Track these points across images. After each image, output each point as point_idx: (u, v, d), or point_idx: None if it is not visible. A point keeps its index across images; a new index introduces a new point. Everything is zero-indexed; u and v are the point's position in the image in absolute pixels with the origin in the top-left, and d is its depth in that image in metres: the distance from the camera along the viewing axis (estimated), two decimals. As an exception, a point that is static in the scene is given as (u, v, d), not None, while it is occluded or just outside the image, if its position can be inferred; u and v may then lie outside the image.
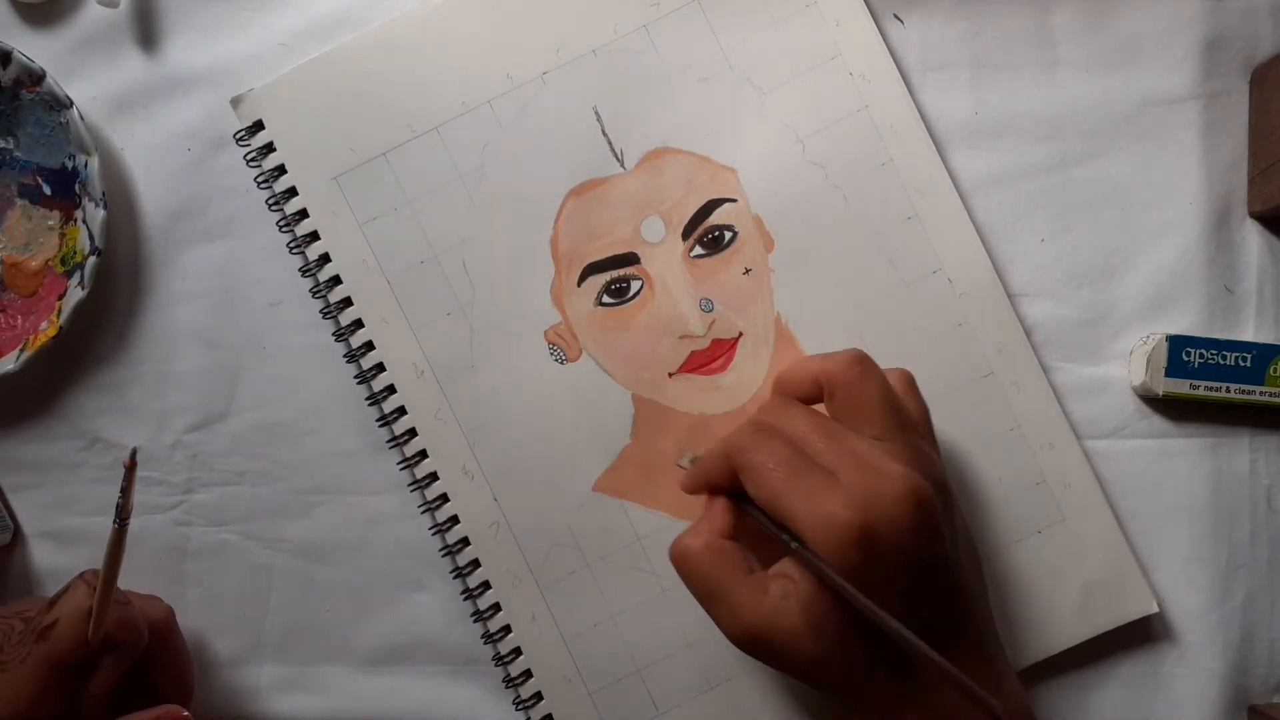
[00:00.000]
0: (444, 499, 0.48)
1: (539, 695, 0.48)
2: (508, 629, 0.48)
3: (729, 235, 0.48)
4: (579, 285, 0.48)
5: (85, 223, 0.49)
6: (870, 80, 0.47)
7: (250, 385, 0.50)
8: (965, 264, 0.47)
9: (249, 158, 0.48)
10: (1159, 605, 0.47)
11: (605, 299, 0.48)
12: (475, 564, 0.48)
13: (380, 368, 0.48)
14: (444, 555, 0.49)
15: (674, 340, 0.48)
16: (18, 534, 0.50)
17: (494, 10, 0.48)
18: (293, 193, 0.48)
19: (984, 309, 0.47)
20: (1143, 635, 0.48)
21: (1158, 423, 0.48)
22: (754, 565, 0.40)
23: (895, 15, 0.48)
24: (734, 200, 0.48)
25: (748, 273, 0.48)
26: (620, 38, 0.48)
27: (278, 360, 0.50)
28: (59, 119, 0.48)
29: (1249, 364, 0.46)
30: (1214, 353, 0.46)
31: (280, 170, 0.48)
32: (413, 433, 0.48)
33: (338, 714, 0.50)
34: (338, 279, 0.48)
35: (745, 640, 0.39)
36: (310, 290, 0.49)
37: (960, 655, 0.37)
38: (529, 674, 0.48)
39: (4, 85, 0.48)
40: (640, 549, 0.48)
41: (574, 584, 0.48)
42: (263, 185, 0.49)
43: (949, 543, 0.39)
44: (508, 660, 0.48)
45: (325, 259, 0.48)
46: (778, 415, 0.41)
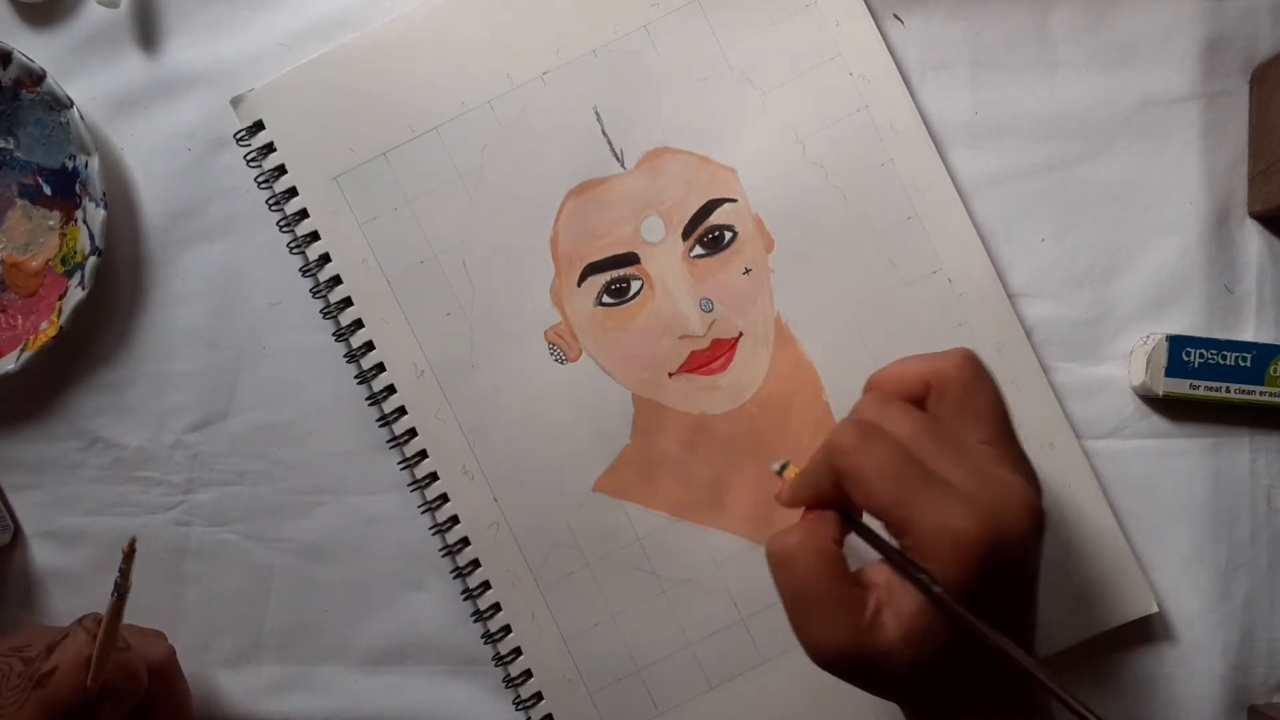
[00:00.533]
0: (444, 499, 0.48)
1: (539, 695, 0.48)
2: (508, 629, 0.48)
3: (729, 235, 0.48)
4: (579, 285, 0.48)
5: (85, 223, 0.49)
6: (870, 80, 0.47)
7: (250, 385, 0.50)
8: (965, 264, 0.47)
9: (249, 158, 0.48)
10: (1159, 605, 0.47)
11: (605, 299, 0.48)
12: (475, 564, 0.48)
13: (380, 368, 0.48)
14: (444, 555, 0.49)
15: (674, 340, 0.48)
16: (18, 534, 0.50)
17: (494, 10, 0.48)
18: (293, 193, 0.48)
19: (984, 309, 0.47)
20: (1143, 635, 0.48)
21: (1158, 423, 0.48)
22: (851, 577, 0.37)
23: (895, 15, 0.48)
24: (734, 200, 0.48)
25: (748, 273, 0.48)
26: (620, 38, 0.48)
27: (278, 360, 0.50)
28: (59, 119, 0.48)
29: (1249, 364, 0.46)
30: (1214, 353, 0.46)
31: (280, 170, 0.48)
32: (413, 433, 0.48)
33: (338, 714, 0.50)
34: (338, 279, 0.48)
35: (838, 659, 0.36)
36: (310, 290, 0.49)
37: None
38: (529, 674, 0.48)
39: (4, 85, 0.48)
40: (640, 549, 0.48)
41: (574, 584, 0.48)
42: (263, 185, 0.49)
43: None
44: (508, 660, 0.48)
45: (325, 259, 0.48)
46: (883, 415, 0.37)
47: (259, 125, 0.48)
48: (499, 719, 0.49)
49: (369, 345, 0.48)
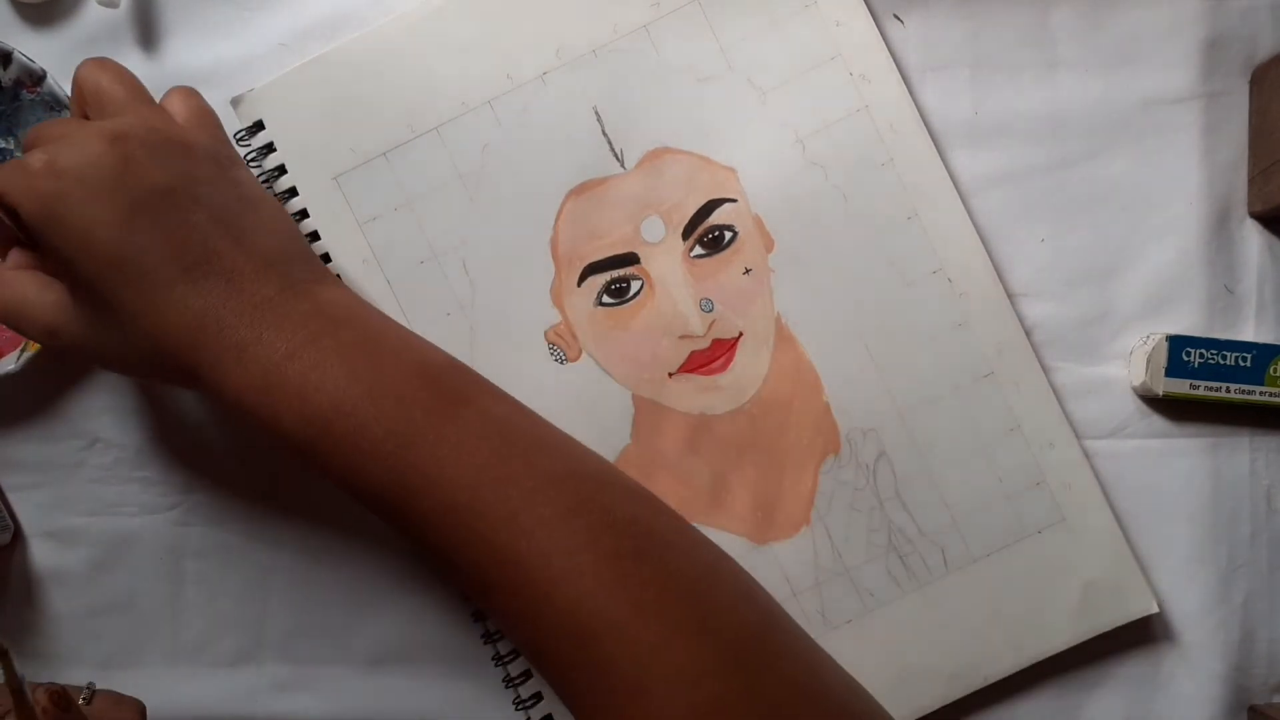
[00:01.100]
0: (444, 499, 0.48)
1: (539, 695, 0.48)
2: (508, 629, 0.48)
3: (729, 235, 0.48)
4: (579, 285, 0.48)
5: (85, 223, 0.49)
6: (870, 80, 0.47)
7: (250, 385, 0.50)
8: (965, 264, 0.47)
9: (249, 158, 0.48)
10: (1159, 605, 0.47)
11: (605, 299, 0.48)
12: (475, 564, 0.48)
13: (380, 368, 0.48)
14: (444, 555, 0.49)
15: (674, 340, 0.48)
16: (18, 534, 0.50)
17: (494, 10, 0.48)
18: (293, 193, 0.48)
19: (984, 309, 0.47)
20: (1143, 635, 0.48)
21: (1158, 423, 0.48)
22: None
23: (895, 15, 0.48)
24: (734, 200, 0.48)
25: (748, 273, 0.48)
26: (620, 38, 0.48)
27: (278, 360, 0.50)
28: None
29: (1249, 364, 0.46)
30: (1214, 353, 0.46)
31: (280, 170, 0.48)
32: (413, 433, 0.48)
33: (338, 714, 0.50)
34: (338, 279, 0.48)
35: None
36: (310, 290, 0.49)
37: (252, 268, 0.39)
38: (529, 674, 0.48)
39: (4, 85, 0.48)
40: (640, 549, 0.48)
41: (574, 584, 0.48)
42: (263, 185, 0.49)
43: (180, 178, 0.40)
44: (508, 660, 0.48)
45: (325, 259, 0.48)
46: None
47: (259, 125, 0.48)
48: (499, 719, 0.49)
49: (369, 345, 0.48)
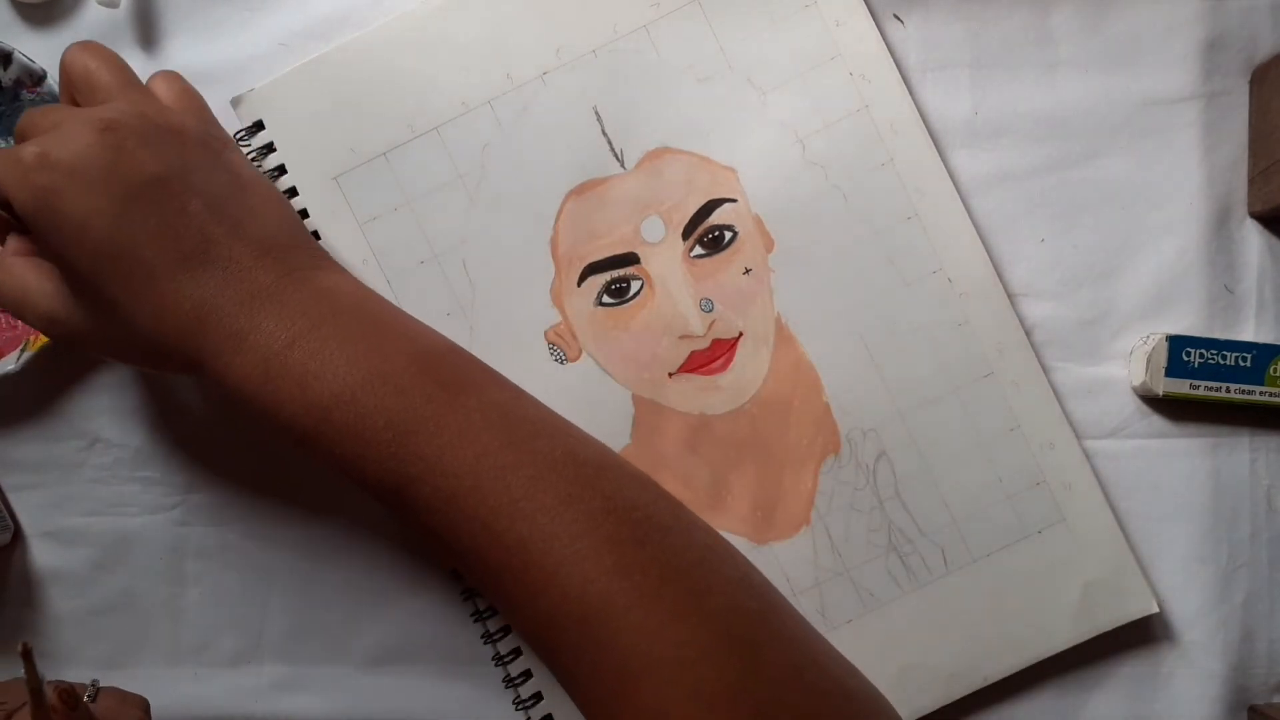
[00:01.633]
0: (444, 499, 0.48)
1: (539, 695, 0.48)
2: (507, 629, 0.48)
3: (729, 235, 0.48)
4: (579, 285, 0.48)
5: (85, 223, 0.49)
6: (870, 80, 0.47)
7: (250, 385, 0.50)
8: (965, 264, 0.47)
9: (249, 158, 0.48)
10: (1159, 605, 0.47)
11: (605, 299, 0.48)
12: (475, 564, 0.48)
13: (380, 368, 0.48)
14: (444, 555, 0.49)
15: (674, 340, 0.48)
16: (18, 534, 0.50)
17: (494, 10, 0.48)
18: (293, 193, 0.48)
19: (984, 309, 0.47)
20: (1143, 635, 0.48)
21: (1158, 423, 0.48)
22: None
23: (895, 15, 0.48)
24: (734, 200, 0.48)
25: (748, 273, 0.48)
26: (620, 38, 0.48)
27: (278, 360, 0.50)
28: (59, 119, 0.48)
29: (1249, 364, 0.46)
30: (1214, 353, 0.46)
31: (280, 170, 0.48)
32: (413, 433, 0.48)
33: (338, 714, 0.50)
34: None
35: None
36: (310, 290, 0.49)
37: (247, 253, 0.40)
38: (529, 674, 0.48)
39: (5, 86, 0.48)
40: (640, 549, 0.48)
41: (574, 584, 0.48)
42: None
43: (173, 166, 0.40)
44: (508, 660, 0.48)
45: (325, 259, 0.48)
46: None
47: (259, 125, 0.48)
48: (499, 719, 0.49)
49: (369, 345, 0.48)
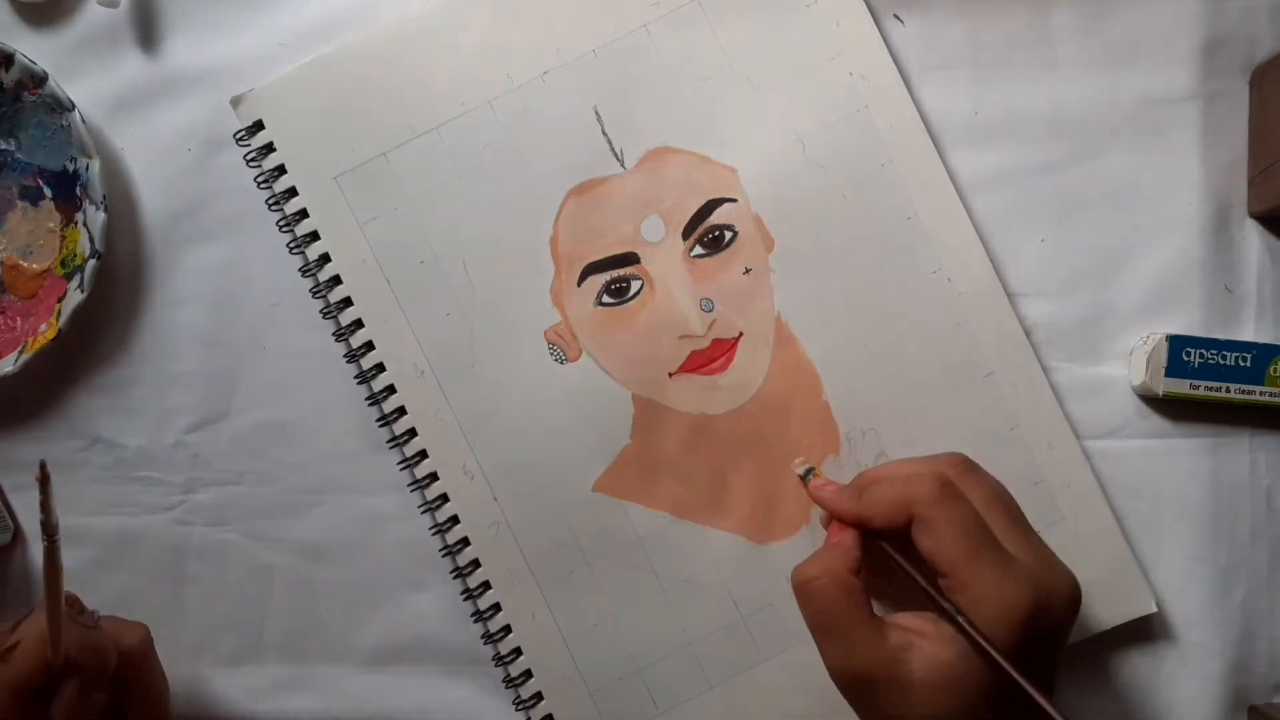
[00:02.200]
0: (444, 499, 0.48)
1: (539, 695, 0.48)
2: (508, 629, 0.48)
3: (729, 235, 0.48)
4: (579, 285, 0.48)
5: (85, 225, 0.49)
6: (870, 80, 0.47)
7: (250, 385, 0.50)
8: (965, 264, 0.47)
9: (249, 158, 0.48)
10: (1159, 605, 0.47)
11: (605, 299, 0.48)
12: (475, 564, 0.48)
13: (380, 368, 0.48)
14: (444, 555, 0.49)
15: (674, 340, 0.48)
16: (18, 534, 0.50)
17: (494, 10, 0.48)
18: (293, 193, 0.48)
19: (984, 309, 0.47)
20: (1143, 635, 0.48)
21: (1158, 423, 0.48)
22: (871, 608, 0.41)
23: (895, 15, 0.48)
24: (734, 200, 0.48)
25: (748, 272, 0.48)
26: (620, 37, 0.48)
27: (278, 360, 0.50)
28: (61, 121, 0.48)
29: (1249, 364, 0.46)
30: (1214, 353, 0.46)
31: (280, 170, 0.48)
32: (413, 433, 0.48)
33: (338, 714, 0.50)
34: (338, 279, 0.48)
35: (852, 682, 0.40)
36: (310, 290, 0.49)
37: None
38: (529, 674, 0.48)
39: (6, 87, 0.48)
40: (640, 549, 0.48)
41: (574, 584, 0.48)
42: (263, 185, 0.49)
43: None
44: (508, 660, 0.48)
45: (325, 259, 0.48)
46: (967, 482, 0.41)
47: (259, 125, 0.48)
48: (499, 719, 0.49)
49: (369, 345, 0.48)
